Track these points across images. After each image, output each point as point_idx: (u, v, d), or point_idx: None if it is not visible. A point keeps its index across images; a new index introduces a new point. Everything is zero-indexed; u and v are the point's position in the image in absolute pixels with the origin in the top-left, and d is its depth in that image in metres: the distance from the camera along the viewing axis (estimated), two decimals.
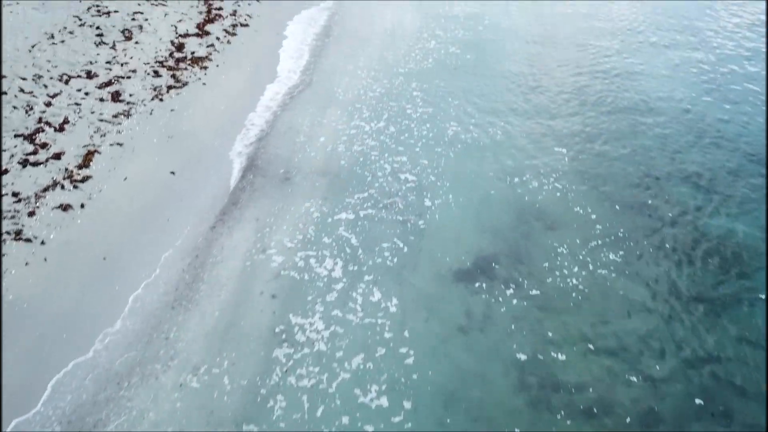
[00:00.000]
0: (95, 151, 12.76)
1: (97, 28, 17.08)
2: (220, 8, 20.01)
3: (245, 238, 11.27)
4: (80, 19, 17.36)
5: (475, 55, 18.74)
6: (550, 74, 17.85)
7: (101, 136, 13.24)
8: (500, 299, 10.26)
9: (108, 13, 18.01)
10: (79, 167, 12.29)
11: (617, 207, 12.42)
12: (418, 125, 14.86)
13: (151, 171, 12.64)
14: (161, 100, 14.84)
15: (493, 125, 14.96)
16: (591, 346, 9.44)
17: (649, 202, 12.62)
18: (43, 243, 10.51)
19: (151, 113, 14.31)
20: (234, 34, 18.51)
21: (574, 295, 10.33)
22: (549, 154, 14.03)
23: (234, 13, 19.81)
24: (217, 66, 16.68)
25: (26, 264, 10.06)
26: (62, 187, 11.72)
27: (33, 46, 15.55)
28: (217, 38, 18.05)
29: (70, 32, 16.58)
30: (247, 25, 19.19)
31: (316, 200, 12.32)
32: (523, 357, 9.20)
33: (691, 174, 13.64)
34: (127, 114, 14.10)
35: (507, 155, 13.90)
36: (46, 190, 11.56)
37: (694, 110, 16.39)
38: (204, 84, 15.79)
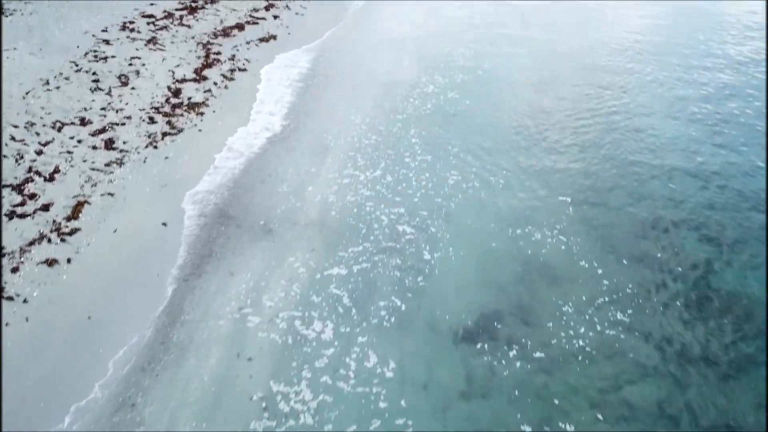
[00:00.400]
0: (85, 201, 12.41)
1: (94, 73, 16.94)
2: (219, 53, 19.94)
3: (220, 294, 10.73)
4: (77, 65, 17.24)
5: (474, 101, 18.51)
6: (551, 119, 17.60)
7: (92, 185, 12.91)
8: (503, 362, 9.73)
9: (105, 58, 17.91)
10: (68, 219, 11.92)
11: (624, 260, 11.97)
12: (417, 174, 14.49)
13: (142, 222, 12.27)
14: (155, 147, 14.57)
15: (494, 174, 14.61)
16: (600, 415, 8.88)
17: (658, 255, 12.17)
18: (25, 301, 10.07)
19: (144, 161, 14.01)
20: (232, 79, 18.37)
21: (581, 357, 9.80)
22: (552, 204, 13.64)
23: (232, 58, 19.73)
24: (214, 112, 16.47)
25: (6, 324, 9.60)
26: (49, 240, 11.33)
27: (27, 93, 15.36)
28: (215, 83, 17.90)
29: (66, 78, 16.43)
30: (245, 70, 19.07)
31: (303, 254, 11.78)
32: (528, 429, 8.63)
33: (700, 224, 13.22)
34: (120, 162, 13.80)
35: (509, 205, 13.50)
36: (32, 243, 11.17)
37: (699, 154, 16.08)
38: (200, 130, 15.54)
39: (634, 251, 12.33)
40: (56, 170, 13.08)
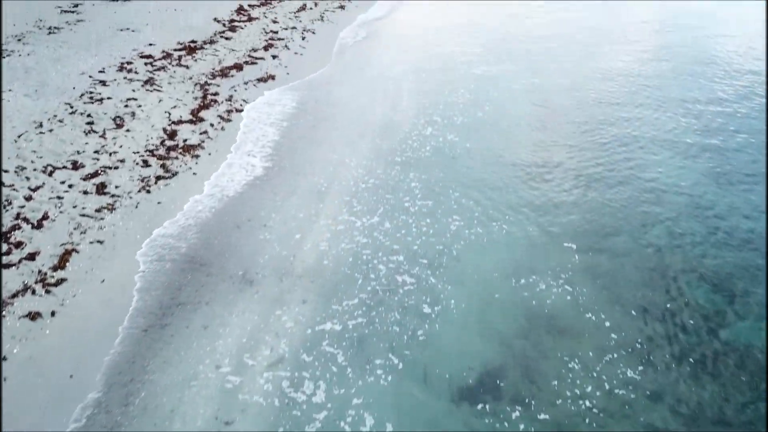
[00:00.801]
0: (73, 249, 12.01)
1: (89, 115, 16.72)
2: (216, 93, 19.79)
3: (191, 350, 10.18)
4: (72, 107, 17.04)
5: (475, 143, 18.25)
6: (553, 161, 17.30)
7: (81, 232, 12.53)
8: (506, 423, 9.21)
9: (101, 99, 17.72)
10: (54, 269, 11.50)
11: (632, 311, 11.51)
12: (417, 220, 14.11)
13: (131, 272, 11.84)
14: (148, 191, 14.23)
15: (496, 219, 14.22)
16: None
17: (667, 305, 11.71)
18: (5, 359, 9.59)
19: (136, 206, 13.66)
20: (229, 120, 18.16)
21: (588, 420, 9.27)
22: (557, 251, 13.23)
23: (230, 99, 19.56)
24: (209, 154, 16.19)
25: None
26: (33, 292, 10.90)
27: (19, 136, 15.10)
28: (211, 125, 17.67)
29: (60, 120, 16.20)
30: (241, 110, 18.87)
31: (291, 308, 11.23)
32: None
33: (708, 273, 12.79)
34: (111, 208, 13.45)
35: (512, 253, 13.06)
36: (15, 296, 10.73)
37: (704, 199, 15.73)
38: (194, 174, 15.23)
39: (641, 302, 11.89)
40: (45, 217, 12.72)
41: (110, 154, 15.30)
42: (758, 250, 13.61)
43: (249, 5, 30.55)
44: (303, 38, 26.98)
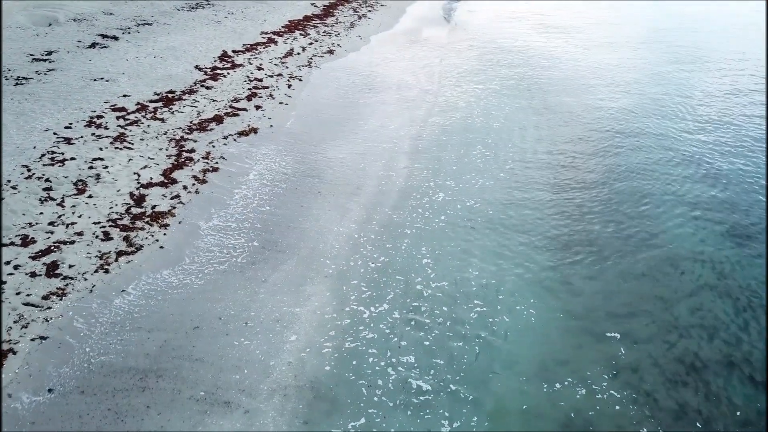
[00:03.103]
0: (9, 350, 10.25)
1: (47, 180, 15.11)
2: (193, 150, 18.28)
3: None
4: (29, 170, 15.44)
5: (490, 211, 16.75)
6: (569, 230, 15.81)
7: (23, 327, 10.80)
8: None
9: (63, 161, 16.14)
10: None
11: (668, 417, 9.85)
12: (431, 307, 12.36)
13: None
14: (107, 271, 12.56)
15: (521, 304, 12.50)
16: None
17: (701, 410, 10.07)
18: None
19: (91, 290, 11.96)
20: (204, 181, 16.59)
21: None
22: (592, 344, 11.60)
23: (207, 156, 18.04)
24: (180, 223, 14.56)
25: None
26: None
27: None
28: (184, 187, 16.09)
29: (14, 187, 14.57)
30: (217, 170, 17.32)
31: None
32: None
33: (742, 362, 11.24)
34: (62, 293, 11.74)
35: (545, 351, 11.26)
36: None
37: (726, 266, 14.29)
38: (161, 247, 13.58)
39: (672, 403, 10.26)
40: None
41: (67, 226, 13.65)
42: None
43: (233, 51, 29.36)
44: (289, 86, 25.68)
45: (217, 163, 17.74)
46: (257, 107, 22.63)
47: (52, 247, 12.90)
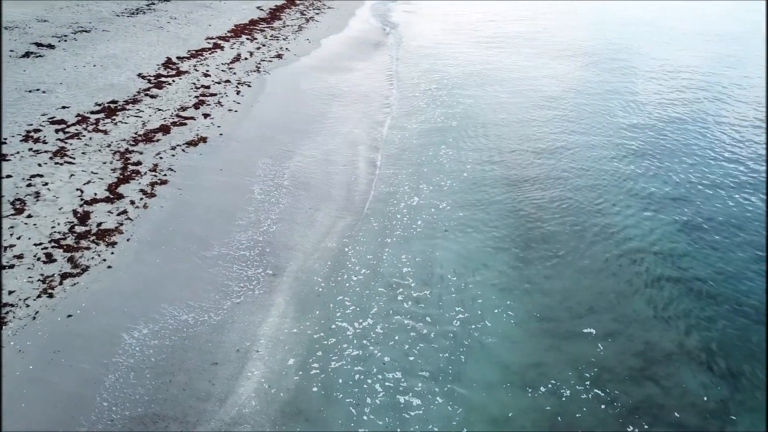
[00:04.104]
0: None
1: None
2: (139, 162, 17.53)
3: None
4: None
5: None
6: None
7: None
8: None
9: None
10: None
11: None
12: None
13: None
14: (51, 296, 11.84)
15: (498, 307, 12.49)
16: None
17: (660, 402, 10.17)
18: None
19: (34, 318, 11.23)
20: (153, 195, 15.91)
21: None
22: (559, 344, 11.60)
23: (154, 168, 17.33)
24: (128, 240, 13.90)
25: None
26: None
27: None
28: (132, 202, 15.39)
29: None
30: (166, 182, 16.65)
31: None
32: None
33: (693, 349, 11.45)
34: (1, 323, 10.97)
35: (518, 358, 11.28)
36: None
37: (679, 261, 14.61)
38: (109, 267, 12.92)
39: (636, 399, 10.35)
40: None
41: (5, 249, 12.82)
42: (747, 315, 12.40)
43: (178, 57, 28.47)
44: (238, 92, 25.03)
45: (165, 175, 17.06)
46: (205, 115, 21.95)
47: None
